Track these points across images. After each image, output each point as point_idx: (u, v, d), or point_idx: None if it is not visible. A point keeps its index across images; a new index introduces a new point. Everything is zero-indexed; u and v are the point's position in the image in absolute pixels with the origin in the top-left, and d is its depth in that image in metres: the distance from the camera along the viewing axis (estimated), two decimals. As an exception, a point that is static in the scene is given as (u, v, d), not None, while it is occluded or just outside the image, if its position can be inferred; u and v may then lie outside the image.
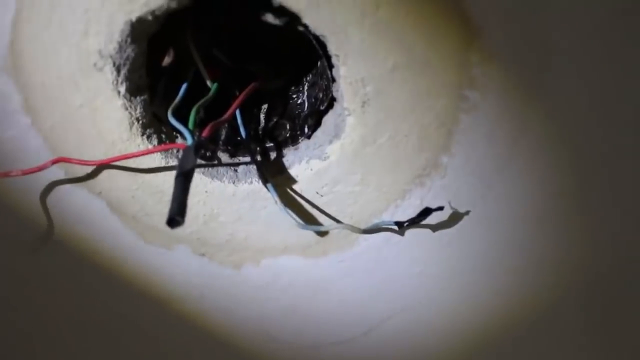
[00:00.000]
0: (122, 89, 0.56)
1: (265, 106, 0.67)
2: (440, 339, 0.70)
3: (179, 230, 0.63)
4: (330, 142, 0.58)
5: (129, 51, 0.54)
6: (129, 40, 0.53)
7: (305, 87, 0.65)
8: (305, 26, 0.52)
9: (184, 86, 0.59)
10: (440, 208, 0.58)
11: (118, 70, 0.55)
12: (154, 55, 0.57)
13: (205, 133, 0.53)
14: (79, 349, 0.72)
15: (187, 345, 0.71)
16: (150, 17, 0.52)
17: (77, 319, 0.70)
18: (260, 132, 0.65)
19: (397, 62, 0.53)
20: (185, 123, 0.55)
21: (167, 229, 0.62)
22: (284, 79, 0.66)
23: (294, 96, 0.66)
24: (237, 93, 0.63)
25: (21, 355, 0.74)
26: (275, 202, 0.57)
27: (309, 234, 0.63)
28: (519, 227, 0.62)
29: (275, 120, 0.65)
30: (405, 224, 0.58)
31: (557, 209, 0.61)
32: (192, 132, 0.54)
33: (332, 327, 0.69)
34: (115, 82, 0.55)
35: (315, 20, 0.51)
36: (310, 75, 0.65)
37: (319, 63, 0.64)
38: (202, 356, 0.72)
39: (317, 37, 0.53)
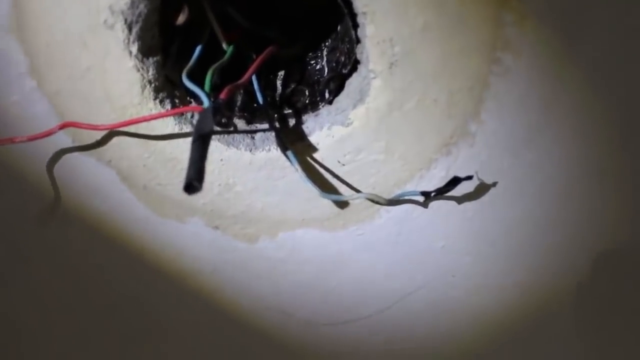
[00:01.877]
0: (134, 48, 0.51)
1: (282, 73, 0.62)
2: (462, 319, 0.66)
3: (192, 201, 0.59)
4: (354, 106, 0.54)
5: (142, 7, 0.50)
6: (141, -6, 0.49)
7: (325, 53, 0.61)
8: (330, -18, 0.48)
9: (199, 48, 0.55)
10: (470, 177, 0.54)
11: (130, 28, 0.50)
12: (167, 14, 0.53)
13: (222, 95, 0.49)
14: (87, 327, 0.68)
15: (199, 322, 0.67)
16: (164, -29, 0.48)
17: (84, 296, 0.65)
18: (277, 99, 0.61)
19: (427, 20, 0.48)
20: (200, 86, 0.51)
21: (180, 199, 0.59)
22: (302, 44, 0.62)
23: (312, 62, 0.62)
24: (254, 57, 0.59)
25: (26, 334, 0.70)
26: (296, 170, 0.53)
27: (328, 206, 0.59)
28: (549, 200, 0.58)
29: (293, 86, 0.61)
30: (432, 194, 0.54)
31: (589, 182, 0.57)
32: (208, 95, 0.49)
33: (350, 304, 0.65)
34: (126, 41, 0.51)
35: (341, -25, 0.47)
36: (330, 40, 0.61)
37: (339, 27, 0.60)
38: (214, 333, 0.68)
39: (342, -6, 0.49)
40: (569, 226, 0.59)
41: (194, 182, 0.42)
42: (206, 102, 0.48)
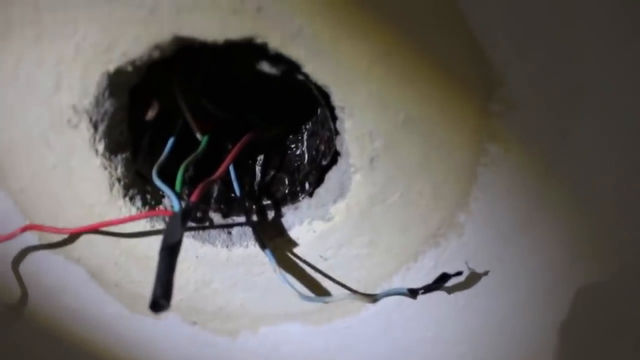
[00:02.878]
0: (101, 146, 0.48)
1: (261, 157, 0.59)
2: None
3: (167, 298, 0.56)
4: (335, 201, 0.50)
5: (107, 105, 0.46)
6: (106, 93, 0.46)
7: (305, 137, 0.58)
8: (306, 75, 0.45)
9: (171, 141, 0.51)
10: (459, 273, 0.51)
11: (95, 127, 0.47)
12: (136, 108, 0.50)
13: (193, 197, 0.46)
14: None
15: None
16: (130, 68, 0.44)
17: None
18: (256, 188, 0.57)
19: (409, 114, 0.45)
20: (172, 183, 0.47)
21: (154, 296, 0.56)
22: (281, 128, 0.59)
23: (293, 146, 0.59)
24: (230, 146, 0.56)
25: None
26: (275, 270, 0.50)
27: (312, 300, 0.55)
28: (542, 288, 0.54)
29: (272, 173, 0.58)
30: (420, 292, 0.51)
31: (580, 268, 0.53)
32: (179, 196, 0.46)
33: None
34: (92, 140, 0.48)
35: (316, 70, 0.44)
36: (310, 124, 0.58)
37: (319, 110, 0.57)
38: None
39: (319, 87, 0.46)
40: (563, 313, 0.55)
41: (160, 300, 0.38)
42: (176, 206, 0.45)
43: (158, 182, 0.47)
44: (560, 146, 0.47)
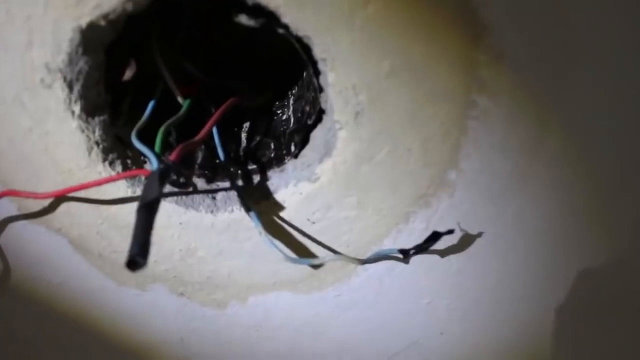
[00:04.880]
0: (77, 108, 0.46)
1: (247, 124, 0.57)
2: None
3: (153, 268, 0.53)
4: (321, 160, 0.48)
5: (82, 64, 0.44)
6: (80, 50, 0.43)
7: (291, 102, 0.56)
8: (286, 27, 0.43)
9: (151, 104, 0.49)
10: (451, 231, 0.48)
11: (70, 87, 0.45)
12: (115, 69, 0.48)
13: (173, 157, 0.43)
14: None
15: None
16: (103, 23, 0.42)
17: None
18: (241, 154, 0.55)
19: (393, 64, 0.43)
20: (152, 146, 0.45)
21: (139, 267, 0.53)
22: (267, 94, 0.57)
23: (279, 112, 0.56)
24: (214, 110, 0.53)
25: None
26: (260, 233, 0.47)
27: (301, 267, 0.53)
28: (537, 248, 0.52)
29: (258, 139, 0.55)
30: (411, 252, 0.48)
31: (577, 225, 0.51)
32: (158, 156, 0.44)
33: (332, 370, 0.59)
34: (67, 101, 0.45)
35: (296, 19, 0.41)
36: (296, 88, 0.56)
37: (304, 73, 0.55)
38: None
39: (300, 40, 0.44)
40: (557, 272, 0.52)
41: (136, 257, 0.36)
42: (155, 165, 0.43)
43: (137, 143, 0.45)
44: (552, 97, 0.45)
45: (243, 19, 0.46)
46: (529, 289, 0.53)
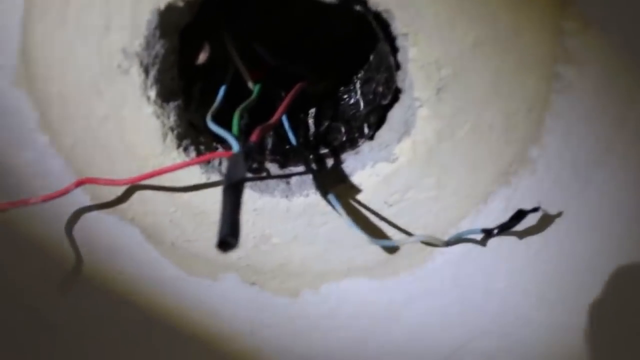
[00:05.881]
0: (152, 93, 0.45)
1: (312, 110, 0.56)
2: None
3: (225, 257, 0.52)
4: (399, 140, 0.46)
5: (158, 47, 0.43)
6: (157, 33, 0.43)
7: (358, 85, 0.54)
8: (364, 3, 0.41)
9: (223, 88, 0.48)
10: (536, 209, 0.46)
11: (146, 72, 0.44)
12: (186, 54, 0.47)
13: (253, 137, 0.42)
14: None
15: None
16: (181, 4, 0.41)
17: (114, 366, 0.58)
18: (311, 138, 0.54)
19: (478, 36, 0.41)
20: (228, 129, 0.44)
21: (212, 255, 0.52)
22: (333, 79, 0.55)
23: (345, 97, 0.55)
24: (283, 95, 0.52)
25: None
26: (340, 215, 0.46)
27: (375, 253, 0.51)
28: (623, 228, 0.49)
29: (327, 124, 0.54)
30: (495, 232, 0.47)
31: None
32: (237, 138, 0.43)
33: (406, 358, 0.57)
34: (143, 86, 0.44)
35: (377, -7, 0.40)
36: (362, 72, 0.54)
37: (371, 57, 0.53)
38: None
39: (377, 16, 0.42)
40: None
41: (228, 238, 0.35)
42: (235, 147, 0.42)
43: (214, 127, 0.44)
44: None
45: (321, -4, 0.44)
46: (611, 270, 0.51)
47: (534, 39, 0.42)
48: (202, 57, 0.47)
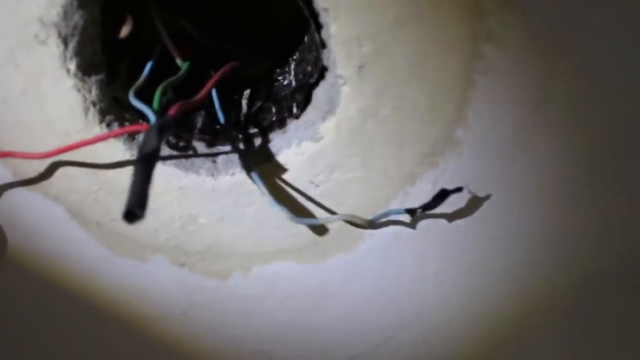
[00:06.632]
0: (72, 65, 0.44)
1: (247, 92, 0.55)
2: (461, 349, 0.57)
3: (153, 237, 0.51)
4: (324, 118, 0.46)
5: (77, 18, 0.42)
6: (75, 3, 0.41)
7: (292, 67, 0.54)
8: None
9: (149, 64, 0.47)
10: (459, 189, 0.46)
11: (65, 43, 0.43)
12: (109, 27, 0.46)
13: (172, 111, 0.41)
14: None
15: (171, 373, 0.58)
16: (99, -27, 0.40)
17: (35, 348, 0.56)
18: (242, 119, 0.53)
19: (398, 13, 0.41)
20: (149, 104, 0.43)
21: (139, 236, 0.51)
22: (269, 60, 0.55)
23: (280, 78, 0.54)
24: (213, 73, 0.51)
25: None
26: (262, 193, 0.45)
27: (304, 234, 0.50)
28: (552, 208, 0.49)
29: (258, 104, 0.53)
30: (419, 211, 0.46)
31: (589, 188, 0.48)
32: (156, 113, 0.42)
33: (338, 343, 0.56)
34: (62, 57, 0.43)
35: (296, -34, 0.40)
36: (297, 53, 0.54)
37: (305, 37, 0.53)
38: (190, 384, 0.59)
39: (301, -10, 0.42)
40: (569, 241, 0.50)
41: (134, 208, 0.34)
42: (152, 119, 0.41)
43: (134, 101, 0.43)
44: (562, 46, 0.43)
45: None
46: (539, 251, 0.51)
47: (454, 17, 0.41)
48: (125, 31, 0.46)
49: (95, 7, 0.43)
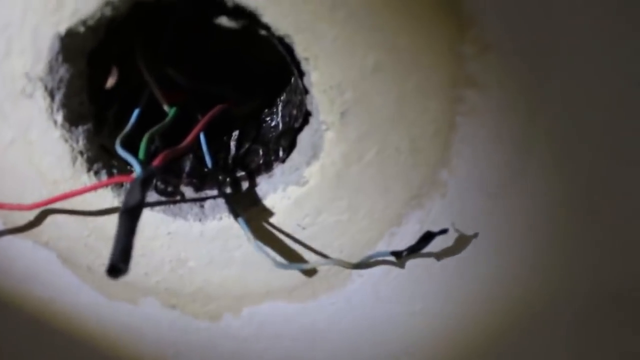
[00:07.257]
0: (59, 117, 0.44)
1: (236, 133, 0.55)
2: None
3: (144, 280, 0.51)
4: (308, 163, 0.46)
5: (62, 72, 0.43)
6: (60, 58, 0.42)
7: (280, 108, 0.54)
8: (267, 27, 0.41)
9: (136, 112, 0.48)
10: (444, 231, 0.46)
11: (52, 96, 0.43)
12: (98, 78, 0.46)
13: (156, 162, 0.42)
14: None
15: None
16: (82, 29, 0.41)
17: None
18: (230, 162, 0.53)
19: (378, 60, 0.41)
20: (135, 154, 0.43)
21: (130, 279, 0.51)
22: (257, 101, 0.55)
23: (268, 119, 0.55)
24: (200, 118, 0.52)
25: None
26: (249, 239, 0.45)
27: (293, 275, 0.50)
28: (536, 246, 0.49)
29: (247, 146, 0.53)
30: (404, 254, 0.46)
31: (574, 228, 0.48)
32: (142, 163, 0.42)
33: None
34: (50, 110, 0.44)
35: (276, 18, 0.40)
36: (285, 94, 0.54)
37: (292, 78, 0.53)
38: None
39: (281, 40, 0.42)
40: (555, 279, 0.50)
41: (118, 264, 0.34)
42: (137, 171, 0.41)
43: (121, 151, 0.44)
44: (542, 89, 0.43)
45: (224, 21, 0.44)
46: (525, 288, 0.50)
47: (435, 63, 0.42)
48: (111, 82, 0.46)
49: (81, 61, 0.44)
